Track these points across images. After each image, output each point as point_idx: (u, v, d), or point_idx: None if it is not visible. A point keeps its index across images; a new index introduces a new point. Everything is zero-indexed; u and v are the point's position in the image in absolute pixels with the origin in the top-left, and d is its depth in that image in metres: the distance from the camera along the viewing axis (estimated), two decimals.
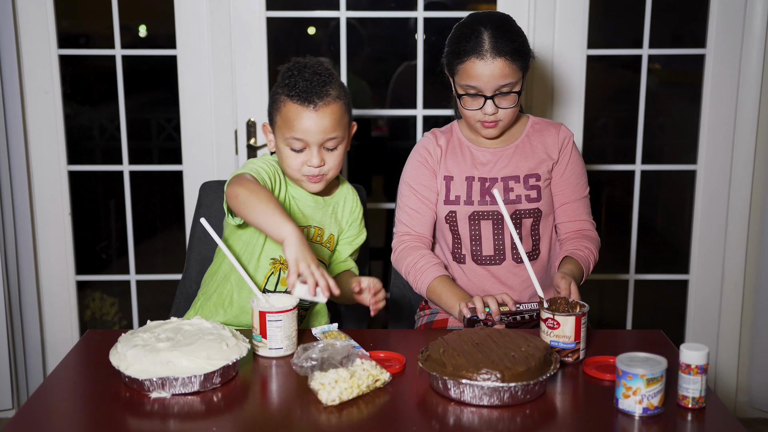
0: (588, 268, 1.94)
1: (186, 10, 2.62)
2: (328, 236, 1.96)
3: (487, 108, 1.87)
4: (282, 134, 1.83)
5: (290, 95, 1.81)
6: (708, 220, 2.78)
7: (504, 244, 1.96)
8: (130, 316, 2.94)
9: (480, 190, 1.96)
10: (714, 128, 2.72)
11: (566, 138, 1.99)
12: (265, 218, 1.62)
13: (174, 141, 3.06)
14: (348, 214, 2.01)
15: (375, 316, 1.82)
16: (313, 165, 1.82)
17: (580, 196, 2.01)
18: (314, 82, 1.80)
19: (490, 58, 1.83)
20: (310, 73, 1.82)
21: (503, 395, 1.40)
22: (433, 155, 2.00)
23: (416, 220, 2.00)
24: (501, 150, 1.98)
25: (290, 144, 1.82)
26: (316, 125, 1.80)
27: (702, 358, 1.40)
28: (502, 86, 1.85)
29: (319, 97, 1.79)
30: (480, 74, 1.84)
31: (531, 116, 2.04)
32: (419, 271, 1.92)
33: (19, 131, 2.67)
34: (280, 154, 1.86)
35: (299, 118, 1.80)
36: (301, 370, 1.49)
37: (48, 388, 1.50)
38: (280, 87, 1.84)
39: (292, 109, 1.80)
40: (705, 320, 2.86)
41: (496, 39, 1.84)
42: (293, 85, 1.81)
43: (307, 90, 1.79)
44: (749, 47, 2.65)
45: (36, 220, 2.77)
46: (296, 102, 1.80)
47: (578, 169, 2.00)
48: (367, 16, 2.79)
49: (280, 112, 1.83)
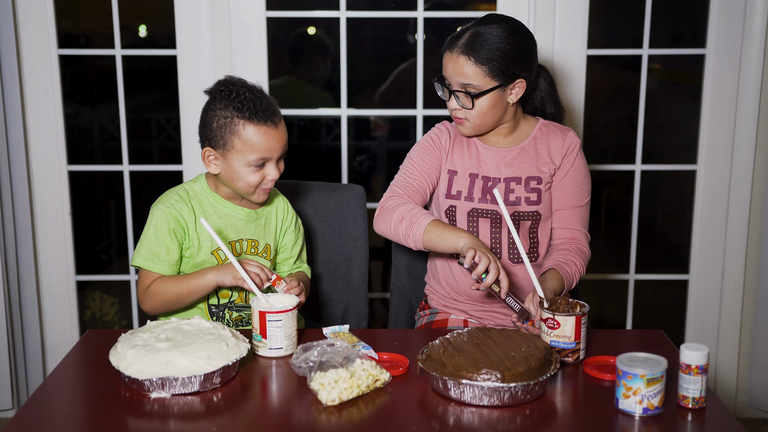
0: (570, 285, 1.90)
1: (186, 10, 2.62)
2: (263, 247, 1.97)
3: (450, 102, 1.93)
4: (243, 156, 1.81)
5: (250, 119, 1.80)
6: (708, 220, 2.78)
7: (501, 244, 1.96)
8: (130, 316, 2.94)
9: (482, 188, 1.96)
10: (714, 128, 2.72)
11: (572, 144, 1.98)
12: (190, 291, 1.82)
13: (174, 141, 3.06)
14: (281, 222, 2.02)
15: (374, 316, 1.83)
16: (273, 178, 1.86)
17: (576, 205, 1.98)
18: (263, 100, 1.82)
19: (456, 53, 1.87)
20: (254, 94, 1.82)
21: (503, 395, 1.40)
22: (443, 143, 2.01)
23: (410, 191, 1.96)
24: (506, 150, 1.98)
25: (253, 163, 1.82)
26: (278, 141, 1.84)
27: (702, 358, 1.40)
28: (464, 85, 1.87)
29: (274, 114, 1.83)
30: (446, 66, 1.91)
31: (541, 119, 2.03)
32: (412, 218, 1.85)
33: (19, 131, 2.67)
34: (236, 175, 1.84)
35: (265, 138, 1.81)
36: (299, 370, 1.49)
37: (48, 388, 1.50)
38: (229, 111, 1.81)
39: (252, 132, 1.80)
40: (705, 320, 2.86)
41: (472, 38, 1.86)
42: (248, 108, 1.80)
43: (265, 110, 1.81)
44: (749, 47, 2.65)
45: (36, 220, 2.77)
46: (259, 124, 1.80)
47: (579, 177, 1.98)
48: (367, 16, 2.79)
49: (239, 136, 1.80)
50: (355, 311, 2.25)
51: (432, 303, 2.11)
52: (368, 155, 3.32)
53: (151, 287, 1.84)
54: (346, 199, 2.27)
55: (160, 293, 1.83)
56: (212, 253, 1.89)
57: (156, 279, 1.84)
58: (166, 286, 1.83)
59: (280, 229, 2.02)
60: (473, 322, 2.02)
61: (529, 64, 1.91)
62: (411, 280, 2.28)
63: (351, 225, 2.26)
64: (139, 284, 1.87)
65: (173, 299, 1.83)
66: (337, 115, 2.80)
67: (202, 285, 1.81)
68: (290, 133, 3.14)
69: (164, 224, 1.84)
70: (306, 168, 3.25)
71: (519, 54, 1.87)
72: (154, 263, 1.84)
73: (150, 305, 1.85)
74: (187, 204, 1.88)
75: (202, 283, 1.80)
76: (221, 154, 1.84)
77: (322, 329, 1.74)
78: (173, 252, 1.85)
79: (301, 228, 2.09)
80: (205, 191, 1.92)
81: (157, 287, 1.83)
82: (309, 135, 3.29)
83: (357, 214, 2.26)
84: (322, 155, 3.29)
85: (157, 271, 1.84)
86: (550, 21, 2.63)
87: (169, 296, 1.83)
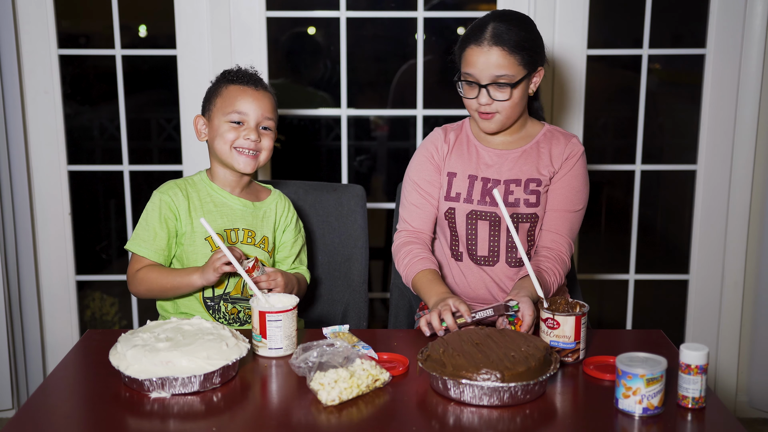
0: (548, 294, 1.85)
1: (186, 10, 2.62)
2: (261, 238, 2.00)
3: (481, 98, 1.89)
4: (222, 113, 1.94)
5: (232, 81, 1.97)
6: (708, 220, 2.78)
7: (499, 246, 1.96)
8: (130, 316, 2.94)
9: (481, 189, 1.95)
10: (714, 128, 2.72)
11: (573, 151, 1.96)
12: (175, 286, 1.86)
13: (174, 141, 3.06)
14: (280, 217, 2.05)
15: (374, 316, 1.83)
16: (250, 138, 1.92)
17: (567, 210, 1.95)
18: (252, 74, 2.00)
19: (487, 46, 1.86)
20: (245, 70, 2.01)
21: (503, 395, 1.40)
22: (439, 151, 2.01)
23: (415, 215, 2.01)
24: (507, 153, 1.98)
25: (230, 118, 1.94)
26: (255, 103, 1.94)
27: (702, 358, 1.40)
28: (498, 77, 1.86)
29: (258, 83, 1.98)
30: (476, 61, 1.88)
31: (547, 124, 2.03)
32: (406, 267, 1.95)
33: (19, 131, 2.67)
34: (216, 133, 1.95)
35: (241, 95, 1.94)
36: (299, 370, 1.49)
37: (48, 388, 1.50)
38: (219, 81, 2.00)
39: (233, 90, 1.95)
40: (705, 320, 2.86)
41: (497, 29, 1.86)
42: (235, 74, 1.99)
43: (249, 77, 1.98)
44: (749, 47, 2.65)
45: (36, 220, 2.77)
46: (238, 84, 1.96)
47: (575, 183, 1.96)
48: (367, 16, 2.79)
49: (221, 94, 1.96)
50: (355, 311, 2.25)
51: None
52: (368, 155, 3.32)
53: (140, 273, 1.89)
54: (346, 199, 2.27)
55: (146, 281, 1.88)
56: (206, 239, 1.92)
57: (146, 266, 1.90)
58: (153, 275, 1.88)
59: (279, 225, 2.04)
60: None
61: (544, 53, 1.96)
62: None
63: (351, 225, 2.26)
64: (129, 266, 1.93)
65: (158, 290, 1.89)
66: (337, 115, 2.80)
67: (186, 283, 1.86)
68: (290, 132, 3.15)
69: (156, 210, 1.91)
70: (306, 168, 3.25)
71: (540, 42, 1.93)
72: (141, 247, 1.89)
73: (135, 289, 1.92)
74: (183, 191, 1.95)
75: (186, 281, 1.85)
76: (208, 117, 1.98)
77: (322, 329, 1.74)
78: (161, 238, 1.90)
79: (302, 230, 2.11)
80: (203, 181, 2.00)
81: (144, 274, 1.89)
82: (309, 135, 3.29)
83: (357, 214, 2.26)
84: (322, 155, 3.29)
85: (144, 255, 1.89)
86: (550, 21, 2.63)
87: (154, 287, 1.89)
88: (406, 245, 1.98)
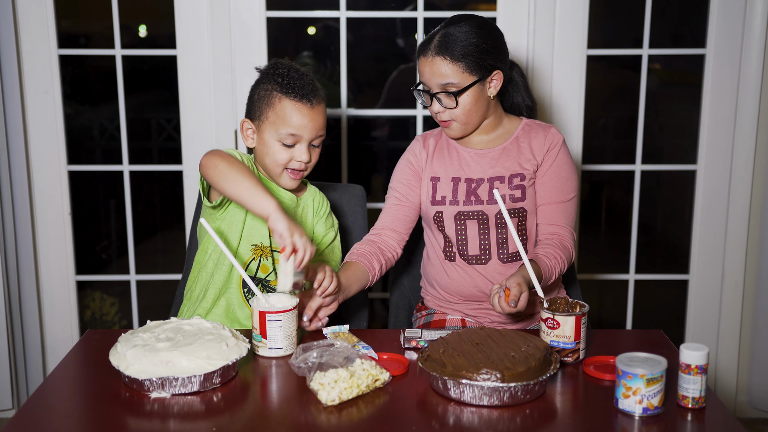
0: (549, 277, 1.86)
1: (186, 10, 2.62)
2: None
3: (433, 106, 1.93)
4: (275, 129, 1.87)
5: (287, 93, 1.86)
6: (708, 220, 2.78)
7: (489, 244, 1.96)
8: (130, 316, 2.94)
9: (466, 190, 1.96)
10: (714, 128, 2.72)
11: (554, 141, 1.97)
12: (248, 192, 1.66)
13: (174, 141, 3.06)
14: (316, 211, 2.04)
15: (374, 316, 1.83)
16: (302, 160, 1.88)
17: (560, 200, 1.96)
18: (307, 82, 1.88)
19: (431, 56, 1.88)
20: (299, 73, 1.89)
21: (503, 395, 1.40)
22: (418, 157, 2.03)
23: (383, 215, 2.05)
24: (487, 151, 1.99)
25: (283, 139, 1.87)
26: (311, 122, 1.87)
27: (702, 358, 1.40)
28: (444, 85, 1.88)
29: (314, 96, 1.87)
30: (423, 71, 1.91)
31: (525, 119, 2.04)
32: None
33: (19, 131, 2.67)
34: (266, 149, 1.89)
35: (297, 115, 1.85)
36: (299, 370, 1.49)
37: (48, 388, 1.50)
38: (272, 84, 1.88)
39: (289, 106, 1.85)
40: (705, 320, 2.86)
41: (443, 39, 1.88)
42: (288, 83, 1.86)
43: (304, 88, 1.86)
44: (749, 47, 2.65)
45: (36, 220, 2.77)
46: (294, 99, 1.85)
47: (562, 173, 1.97)
48: (367, 16, 2.79)
49: (274, 108, 1.86)
50: (355, 311, 2.25)
51: (428, 304, 2.11)
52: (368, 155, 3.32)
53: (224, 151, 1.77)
54: (346, 199, 2.27)
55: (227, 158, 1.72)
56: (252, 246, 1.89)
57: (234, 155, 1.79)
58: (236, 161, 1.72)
59: (315, 219, 2.04)
60: (471, 321, 2.02)
61: (502, 54, 1.94)
62: (411, 280, 2.28)
63: (351, 225, 2.26)
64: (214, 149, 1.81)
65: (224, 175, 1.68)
66: (337, 115, 2.80)
67: (258, 197, 1.64)
68: None
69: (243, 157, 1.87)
70: None
71: (491, 45, 1.90)
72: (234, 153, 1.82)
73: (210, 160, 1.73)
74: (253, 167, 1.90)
75: (262, 196, 1.64)
76: (257, 125, 1.90)
77: (322, 329, 1.74)
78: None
79: (336, 225, 2.09)
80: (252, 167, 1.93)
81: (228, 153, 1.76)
82: None
83: (357, 214, 2.27)
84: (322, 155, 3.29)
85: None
86: (550, 21, 2.63)
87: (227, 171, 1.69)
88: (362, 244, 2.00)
